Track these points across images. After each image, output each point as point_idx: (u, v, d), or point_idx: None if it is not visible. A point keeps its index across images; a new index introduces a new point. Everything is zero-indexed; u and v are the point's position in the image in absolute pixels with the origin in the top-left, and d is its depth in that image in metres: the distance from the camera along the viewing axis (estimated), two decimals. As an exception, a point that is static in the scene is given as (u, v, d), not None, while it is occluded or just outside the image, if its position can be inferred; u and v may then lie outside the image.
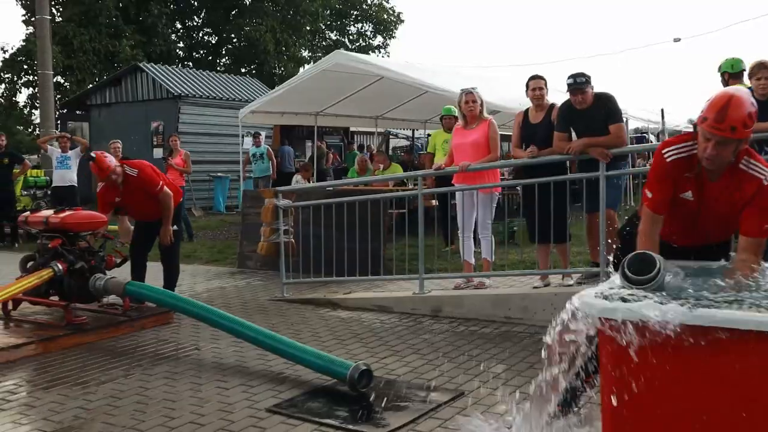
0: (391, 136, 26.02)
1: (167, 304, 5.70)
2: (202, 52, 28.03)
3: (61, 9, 25.45)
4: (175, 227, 6.95)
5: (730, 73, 7.90)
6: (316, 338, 5.82)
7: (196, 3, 28.08)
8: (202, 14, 28.64)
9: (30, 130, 28.36)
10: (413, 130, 25.73)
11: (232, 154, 18.69)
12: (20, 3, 26.26)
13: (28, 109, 27.19)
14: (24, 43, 24.99)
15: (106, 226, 6.55)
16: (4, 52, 26.27)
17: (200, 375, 4.88)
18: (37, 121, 25.19)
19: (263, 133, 19.31)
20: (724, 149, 3.10)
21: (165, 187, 6.74)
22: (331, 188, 10.02)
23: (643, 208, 3.52)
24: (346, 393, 4.40)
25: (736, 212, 3.26)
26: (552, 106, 6.44)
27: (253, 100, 17.49)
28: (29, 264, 6.29)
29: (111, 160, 6.55)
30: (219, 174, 18.34)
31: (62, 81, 25.15)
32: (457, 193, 7.09)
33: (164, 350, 5.55)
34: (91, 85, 22.29)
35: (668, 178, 3.32)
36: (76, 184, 13.06)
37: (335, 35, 30.46)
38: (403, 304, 6.79)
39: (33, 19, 21.45)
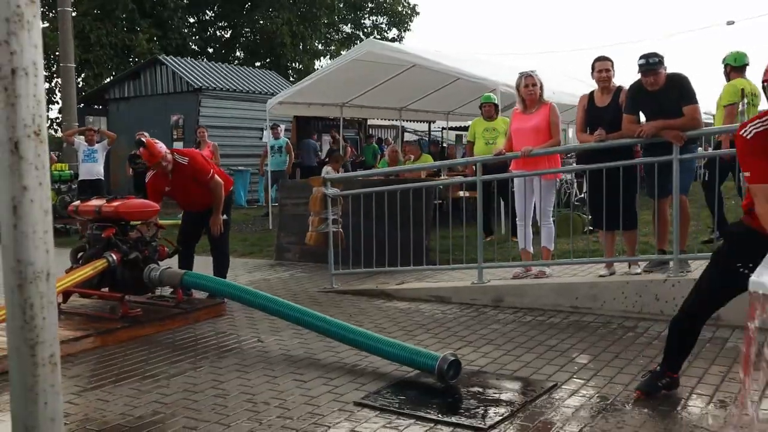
0: (407, 131, 25.84)
1: (228, 294, 5.49)
2: (216, 46, 27.80)
3: (77, 3, 25.23)
4: (224, 217, 6.75)
5: (732, 66, 7.70)
6: (380, 329, 5.62)
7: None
8: (216, 7, 28.41)
9: (48, 125, 28.19)
10: (429, 123, 25.60)
11: (252, 148, 18.53)
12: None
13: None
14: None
15: (158, 215, 6.35)
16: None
17: (272, 368, 4.68)
18: (53, 115, 25.05)
19: (282, 126, 19.19)
20: None
21: (216, 176, 6.55)
22: (379, 177, 9.78)
23: (751, 189, 3.35)
24: (433, 385, 4.21)
25: None
26: (619, 88, 6.21)
27: (273, 93, 17.28)
28: (80, 255, 6.09)
29: (162, 147, 6.36)
30: (240, 168, 18.14)
31: (79, 76, 24.93)
32: (515, 179, 6.87)
33: (227, 342, 5.36)
34: (108, 79, 22.11)
35: (757, 151, 3.28)
36: (103, 177, 12.90)
37: (350, 28, 30.19)
38: (461, 294, 6.59)
39: (51, 14, 21.27)
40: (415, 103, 16.52)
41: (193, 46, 26.36)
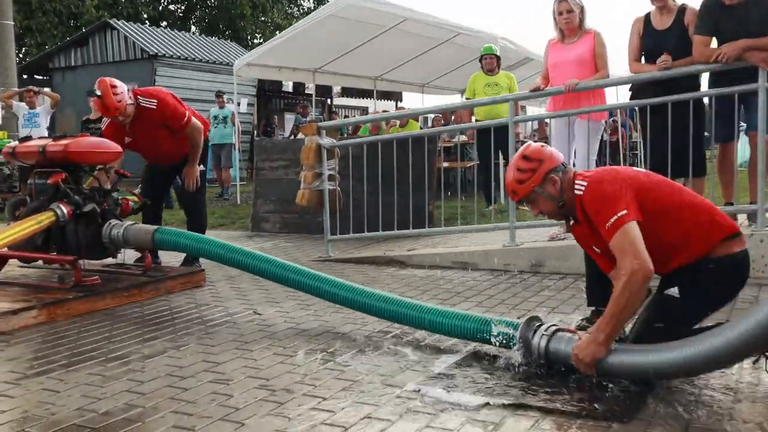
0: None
1: (216, 255, 4.24)
2: (170, 19, 26.10)
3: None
4: (201, 167, 5.52)
5: None
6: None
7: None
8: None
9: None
10: (396, 101, 24.40)
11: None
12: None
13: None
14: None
15: (121, 159, 5.08)
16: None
17: (283, 344, 3.50)
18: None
19: (245, 100, 17.81)
20: None
21: (192, 119, 5.30)
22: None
23: None
24: (510, 360, 3.06)
25: None
26: (683, 7, 5.16)
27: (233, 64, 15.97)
28: (18, 211, 4.79)
29: (123, 91, 4.99)
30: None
31: (20, 46, 23.08)
32: (553, 122, 5.79)
33: (213, 316, 4.14)
34: (52, 47, 20.37)
35: None
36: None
37: (313, 3, 28.66)
38: (490, 259, 5.48)
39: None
40: (391, 72, 15.38)
41: (144, 17, 24.62)
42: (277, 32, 25.98)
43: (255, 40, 25.68)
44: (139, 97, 5.16)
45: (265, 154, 8.59)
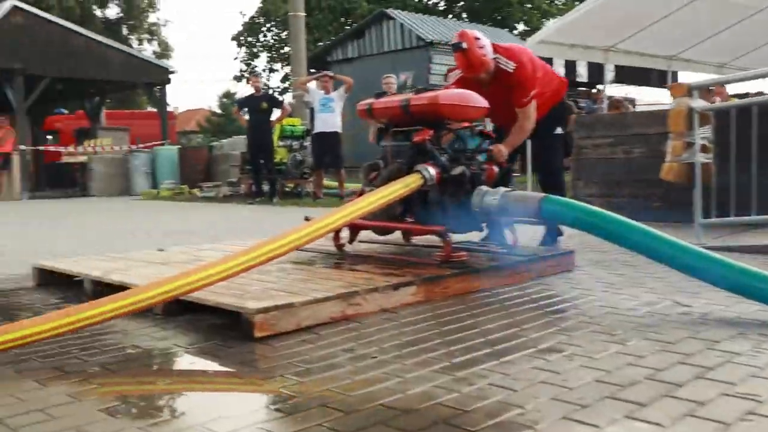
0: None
1: (617, 236, 3.33)
2: (435, 8, 26.08)
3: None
4: (559, 130, 4.68)
5: None
6: None
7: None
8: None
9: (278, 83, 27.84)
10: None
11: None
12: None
13: (267, 73, 26.73)
14: (262, 5, 24.39)
15: (485, 116, 4.38)
16: (243, 15, 25.90)
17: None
18: (274, 84, 24.58)
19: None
20: None
21: (530, 106, 4.44)
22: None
23: None
24: None
25: None
26: None
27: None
28: (373, 175, 4.27)
29: (486, 45, 4.32)
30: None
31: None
32: None
33: (620, 306, 3.25)
34: (327, 42, 21.09)
35: None
36: (340, 130, 11.38)
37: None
38: None
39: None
40: (690, 51, 13.66)
41: (411, 9, 24.78)
42: (544, 19, 24.96)
43: (520, 27, 24.85)
44: (499, 55, 4.44)
45: (587, 131, 7.61)
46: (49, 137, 21.23)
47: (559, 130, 4.78)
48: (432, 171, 3.83)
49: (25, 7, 16.21)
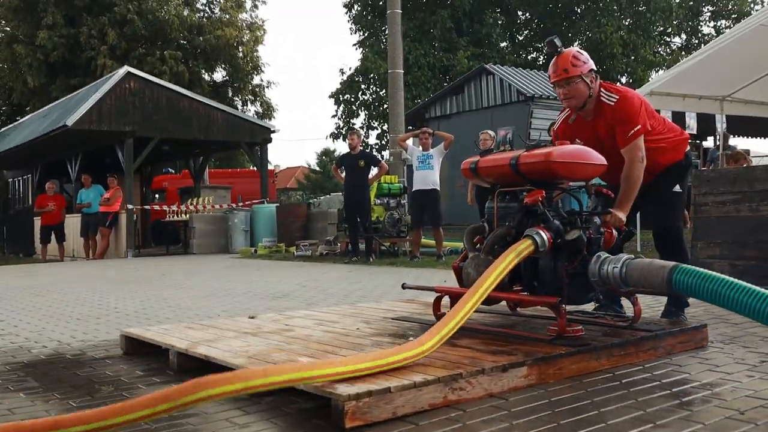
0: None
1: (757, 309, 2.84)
2: (537, 61, 25.79)
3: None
4: (677, 188, 4.22)
5: None
6: None
7: (527, 14, 26.09)
8: (535, 23, 26.56)
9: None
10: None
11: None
12: (356, 27, 26.26)
13: (364, 130, 27.00)
14: (360, 63, 24.75)
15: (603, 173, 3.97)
16: (343, 73, 26.36)
17: None
18: (372, 141, 24.74)
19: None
20: None
21: (637, 140, 3.97)
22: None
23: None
24: None
25: None
26: None
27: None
28: (476, 238, 3.92)
29: (587, 63, 3.99)
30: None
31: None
32: None
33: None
34: (425, 99, 21.08)
35: None
36: (438, 188, 11.11)
37: (683, 38, 26.34)
38: None
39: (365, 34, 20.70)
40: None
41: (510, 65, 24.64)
42: (651, 72, 24.20)
43: (623, 79, 24.16)
44: (602, 90, 4.06)
45: (708, 186, 7.01)
46: (156, 196, 21.98)
47: (677, 188, 4.31)
48: (544, 236, 3.45)
49: (137, 72, 16.96)
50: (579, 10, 26.50)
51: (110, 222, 15.35)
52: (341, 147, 39.67)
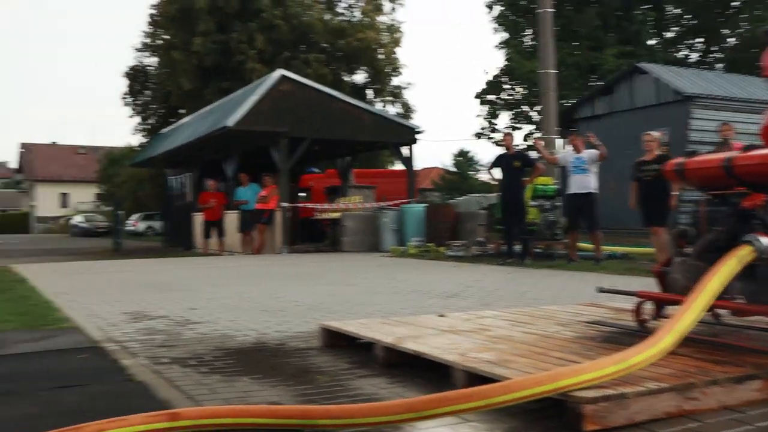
0: None
1: None
2: (686, 59, 24.62)
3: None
4: None
5: None
6: None
7: (679, 9, 24.92)
8: (682, 19, 25.36)
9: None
10: None
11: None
12: (498, 27, 26.05)
13: (510, 130, 26.83)
14: (506, 63, 24.56)
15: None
16: (486, 73, 26.26)
17: None
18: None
19: None
20: None
21: None
22: None
23: None
24: None
25: None
26: None
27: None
28: (682, 243, 3.79)
29: None
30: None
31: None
32: None
33: None
34: (574, 100, 20.58)
35: None
36: (595, 191, 10.83)
37: None
38: None
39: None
40: None
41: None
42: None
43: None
44: None
45: None
46: (302, 194, 22.71)
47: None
48: (765, 242, 3.29)
49: (291, 75, 17.62)
50: (735, 5, 25.09)
51: (267, 219, 16.03)
52: (484, 147, 39.35)
